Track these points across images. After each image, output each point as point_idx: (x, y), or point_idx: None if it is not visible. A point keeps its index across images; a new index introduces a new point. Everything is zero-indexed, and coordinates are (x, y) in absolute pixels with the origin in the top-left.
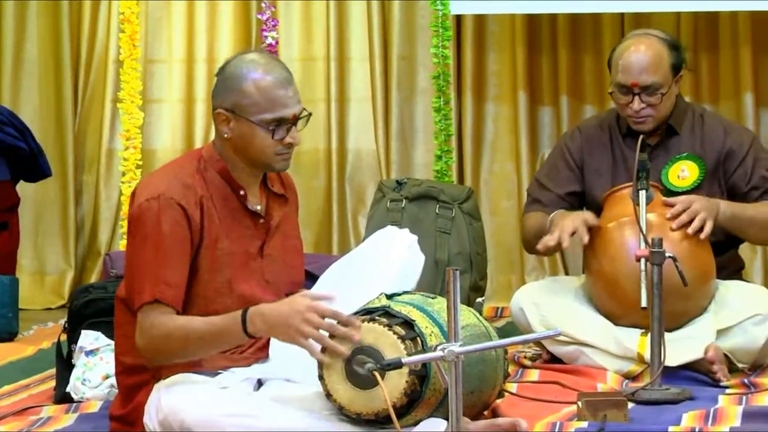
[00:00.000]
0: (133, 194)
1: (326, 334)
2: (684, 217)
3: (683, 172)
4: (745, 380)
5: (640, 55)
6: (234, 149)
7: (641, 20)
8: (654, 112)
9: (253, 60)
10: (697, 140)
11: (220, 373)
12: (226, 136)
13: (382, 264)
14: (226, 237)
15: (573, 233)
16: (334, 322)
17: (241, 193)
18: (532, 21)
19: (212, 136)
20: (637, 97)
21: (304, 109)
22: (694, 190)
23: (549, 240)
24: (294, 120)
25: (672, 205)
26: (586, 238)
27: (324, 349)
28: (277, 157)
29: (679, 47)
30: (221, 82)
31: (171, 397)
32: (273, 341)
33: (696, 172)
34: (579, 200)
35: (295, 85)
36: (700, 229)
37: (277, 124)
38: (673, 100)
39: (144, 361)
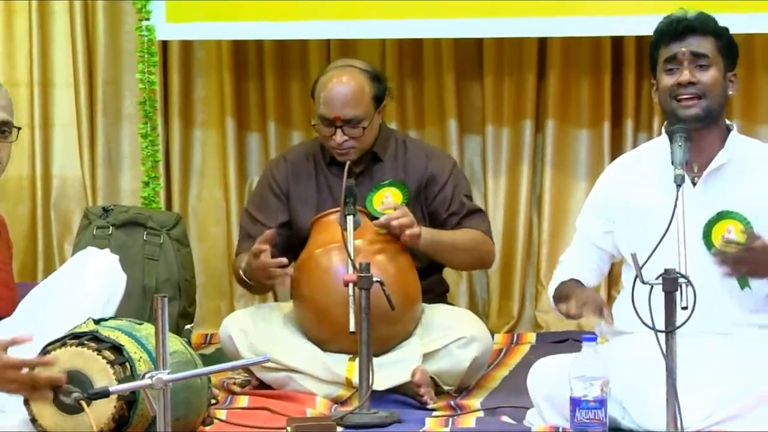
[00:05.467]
0: None
1: None
2: (397, 213)
3: (387, 199)
4: (451, 402)
5: (342, 87)
6: None
7: (347, 46)
8: (357, 143)
9: None
10: (400, 166)
11: None
12: None
13: (83, 285)
14: None
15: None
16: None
17: None
18: (239, 47)
19: None
20: (339, 130)
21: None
22: None
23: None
24: None
25: (383, 226)
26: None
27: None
28: None
29: (381, 78)
30: None
31: None
32: None
33: (399, 198)
34: (291, 229)
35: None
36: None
37: None
38: (376, 131)
39: None
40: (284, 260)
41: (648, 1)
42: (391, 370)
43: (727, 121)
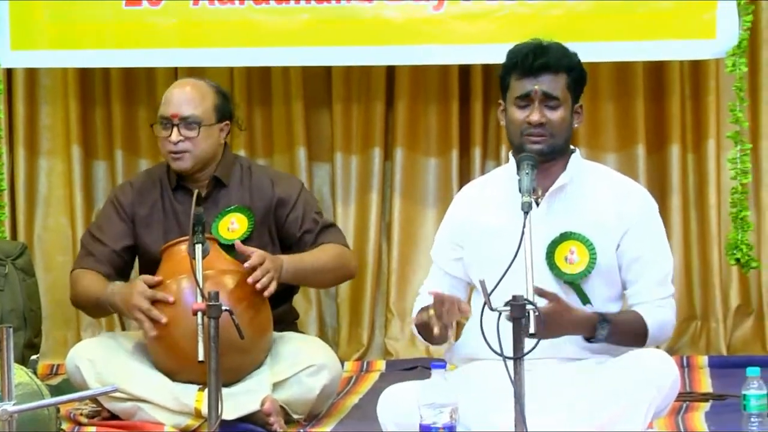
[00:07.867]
0: None
1: None
2: (258, 274)
3: (233, 225)
4: (301, 431)
5: (184, 89)
6: None
7: (195, 74)
8: (192, 147)
9: None
10: (246, 192)
11: None
12: None
13: None
14: None
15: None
16: None
17: None
18: (85, 74)
19: None
20: (175, 128)
21: None
22: (245, 241)
23: (148, 331)
24: None
25: (243, 253)
26: (159, 320)
27: None
28: None
29: (228, 97)
30: None
31: None
32: None
33: (245, 223)
34: (133, 254)
35: None
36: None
37: None
38: (214, 144)
39: None
40: (164, 319)
41: (495, 30)
42: (240, 400)
43: (571, 146)
